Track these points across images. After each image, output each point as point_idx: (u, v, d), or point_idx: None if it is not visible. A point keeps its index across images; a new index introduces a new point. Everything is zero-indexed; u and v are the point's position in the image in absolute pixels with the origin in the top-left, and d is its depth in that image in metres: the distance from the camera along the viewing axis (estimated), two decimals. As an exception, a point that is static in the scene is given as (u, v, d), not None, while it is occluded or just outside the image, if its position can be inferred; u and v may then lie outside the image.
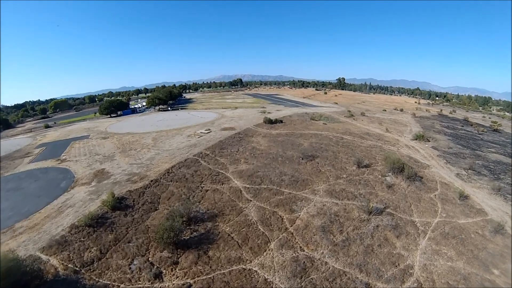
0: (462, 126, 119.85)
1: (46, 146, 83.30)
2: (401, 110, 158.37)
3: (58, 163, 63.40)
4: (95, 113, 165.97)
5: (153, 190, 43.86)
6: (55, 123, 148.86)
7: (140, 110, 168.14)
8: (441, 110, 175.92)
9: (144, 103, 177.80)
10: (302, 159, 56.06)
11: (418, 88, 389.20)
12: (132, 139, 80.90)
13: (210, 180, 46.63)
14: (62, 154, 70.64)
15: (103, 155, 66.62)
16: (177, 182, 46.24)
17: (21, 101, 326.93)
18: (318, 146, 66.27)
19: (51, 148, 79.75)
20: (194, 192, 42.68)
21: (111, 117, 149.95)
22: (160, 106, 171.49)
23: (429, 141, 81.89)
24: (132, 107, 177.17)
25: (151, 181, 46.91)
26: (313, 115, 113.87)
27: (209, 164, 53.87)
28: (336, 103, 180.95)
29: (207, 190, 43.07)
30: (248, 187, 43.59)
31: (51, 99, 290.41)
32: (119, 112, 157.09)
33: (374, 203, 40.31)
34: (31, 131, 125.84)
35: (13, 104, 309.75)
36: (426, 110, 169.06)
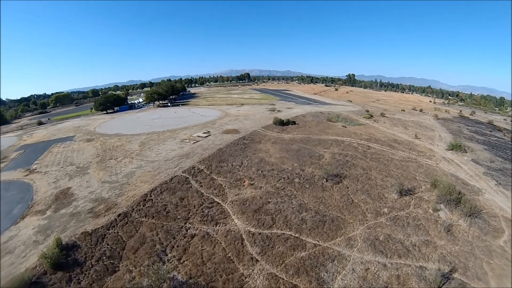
0: (491, 131, 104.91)
1: (26, 149, 73.57)
2: (421, 110, 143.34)
3: (26, 175, 52.66)
4: (92, 108, 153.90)
5: (118, 232, 30.78)
6: (49, 119, 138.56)
7: (138, 106, 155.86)
8: (461, 111, 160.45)
9: (141, 99, 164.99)
10: (326, 180, 42.27)
11: (429, 86, 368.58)
12: (117, 143, 68.24)
13: (200, 216, 33.20)
14: (35, 162, 60.17)
15: (76, 166, 54.71)
16: (153, 218, 33.02)
17: (26, 95, 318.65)
18: (343, 159, 52.40)
19: (30, 152, 69.95)
20: (174, 238, 29.40)
21: (107, 113, 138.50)
22: (160, 102, 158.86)
23: (466, 152, 68.21)
24: (130, 102, 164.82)
25: (119, 215, 33.83)
26: (329, 115, 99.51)
27: (201, 186, 40.44)
28: (350, 101, 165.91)
29: (193, 236, 29.67)
30: (254, 233, 30.02)
31: (57, 93, 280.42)
32: (115, 108, 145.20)
33: (435, 261, 27.72)
34: (22, 129, 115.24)
35: (19, 98, 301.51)
36: (446, 111, 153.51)
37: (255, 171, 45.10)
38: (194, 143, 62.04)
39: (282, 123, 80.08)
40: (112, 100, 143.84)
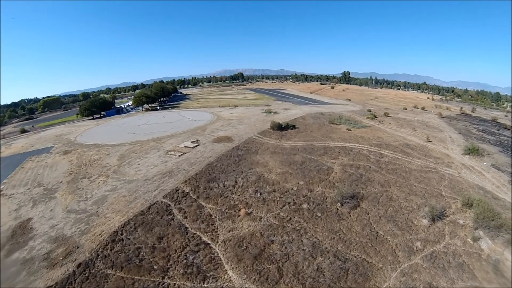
0: (498, 130, 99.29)
1: None
2: (423, 108, 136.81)
3: (-12, 201, 44.37)
4: (77, 114, 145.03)
5: (73, 293, 22.83)
6: (32, 126, 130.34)
7: (126, 110, 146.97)
8: (462, 108, 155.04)
9: (130, 102, 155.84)
10: (341, 204, 34.55)
11: (425, 82, 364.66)
12: (95, 157, 60.05)
13: (183, 265, 25.11)
14: (4, 181, 52.32)
15: (44, 188, 46.80)
16: (122, 269, 24.97)
17: (17, 99, 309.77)
18: (356, 172, 44.81)
19: (2, 167, 62.09)
20: (146, 305, 21.51)
21: (93, 118, 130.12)
22: (150, 105, 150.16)
23: (484, 156, 61.86)
24: (118, 106, 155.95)
25: (80, 265, 25.82)
26: (331, 116, 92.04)
27: (185, 217, 32.36)
28: (349, 100, 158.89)
29: (172, 301, 21.79)
30: (255, 294, 22.24)
31: (48, 97, 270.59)
32: (102, 113, 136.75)
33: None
34: (4, 138, 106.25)
35: (9, 103, 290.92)
36: (447, 109, 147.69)
37: (253, 193, 36.98)
38: (180, 155, 53.74)
39: (280, 127, 72.32)
40: (98, 105, 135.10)
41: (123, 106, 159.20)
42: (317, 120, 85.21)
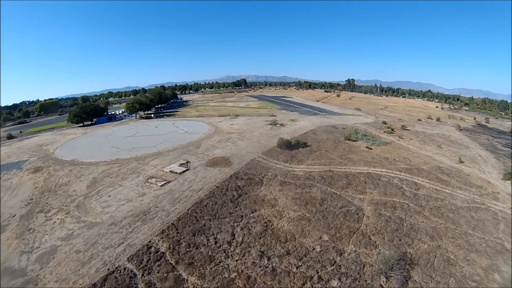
0: None
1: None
2: (438, 119, 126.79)
3: None
4: (68, 120, 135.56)
5: None
6: (21, 132, 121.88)
7: (119, 117, 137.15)
8: (475, 119, 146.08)
9: (124, 109, 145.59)
10: (387, 278, 23.52)
11: (430, 90, 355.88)
12: (64, 179, 49.67)
13: None
14: None
15: (-10, 226, 36.26)
16: None
17: (19, 101, 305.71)
18: (393, 215, 33.78)
19: None
20: None
21: (83, 125, 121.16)
22: (145, 112, 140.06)
23: None
24: (111, 113, 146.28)
25: None
26: (344, 130, 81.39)
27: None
28: (359, 109, 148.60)
29: None
30: None
31: (50, 99, 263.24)
32: (94, 120, 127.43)
33: None
34: None
35: (10, 104, 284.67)
36: (461, 119, 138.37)
37: (257, 258, 25.54)
38: (162, 185, 42.21)
39: (289, 145, 61.25)
40: (88, 111, 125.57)
41: (117, 112, 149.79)
42: (331, 135, 74.26)
